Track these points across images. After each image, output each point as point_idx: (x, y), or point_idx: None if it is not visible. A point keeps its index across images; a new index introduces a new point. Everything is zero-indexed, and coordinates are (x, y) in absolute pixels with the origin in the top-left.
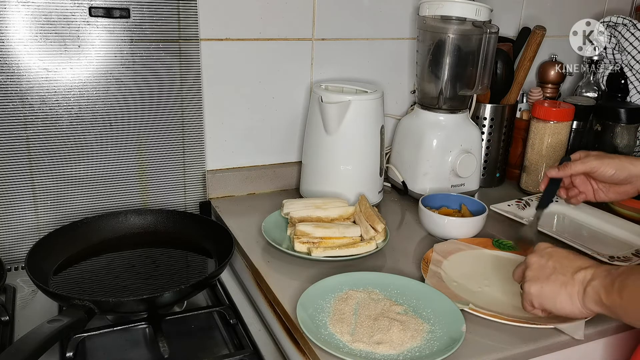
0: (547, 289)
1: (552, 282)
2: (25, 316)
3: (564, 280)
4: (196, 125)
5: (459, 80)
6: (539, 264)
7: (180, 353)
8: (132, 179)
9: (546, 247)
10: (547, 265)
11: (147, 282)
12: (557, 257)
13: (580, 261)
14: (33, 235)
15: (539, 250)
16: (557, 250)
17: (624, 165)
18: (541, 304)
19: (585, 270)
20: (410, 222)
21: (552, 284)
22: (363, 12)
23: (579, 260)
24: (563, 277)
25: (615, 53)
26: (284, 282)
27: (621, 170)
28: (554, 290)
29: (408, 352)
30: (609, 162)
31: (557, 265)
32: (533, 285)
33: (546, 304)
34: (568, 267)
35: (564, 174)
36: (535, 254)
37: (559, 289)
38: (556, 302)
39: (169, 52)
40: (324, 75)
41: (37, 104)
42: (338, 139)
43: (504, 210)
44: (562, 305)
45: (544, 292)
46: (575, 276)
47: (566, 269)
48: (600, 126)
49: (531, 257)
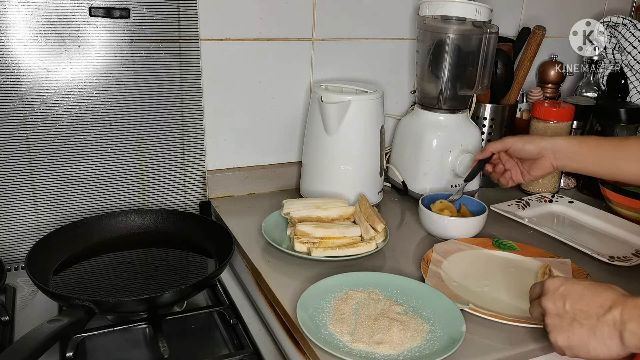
0: (575, 339)
1: (578, 331)
2: (25, 316)
3: (591, 325)
4: (196, 125)
5: (459, 80)
6: (556, 311)
7: (180, 353)
8: (132, 179)
9: (557, 286)
10: (566, 311)
11: (147, 282)
12: (573, 297)
13: (601, 297)
14: (33, 235)
15: (551, 291)
16: (571, 288)
17: (534, 140)
18: (574, 354)
19: (612, 310)
20: (410, 222)
21: (578, 333)
22: (363, 12)
23: (598, 296)
24: (588, 321)
25: (615, 53)
26: (284, 282)
27: (532, 143)
28: (583, 339)
29: (408, 352)
30: (521, 138)
31: (577, 308)
32: (558, 336)
33: (580, 354)
34: (590, 308)
35: (485, 155)
36: (548, 297)
37: (587, 336)
38: (589, 350)
39: (169, 52)
40: (324, 75)
41: (37, 104)
42: (338, 139)
43: (504, 210)
44: (597, 352)
45: (572, 343)
46: (603, 319)
47: (589, 312)
48: (600, 126)
49: (545, 300)
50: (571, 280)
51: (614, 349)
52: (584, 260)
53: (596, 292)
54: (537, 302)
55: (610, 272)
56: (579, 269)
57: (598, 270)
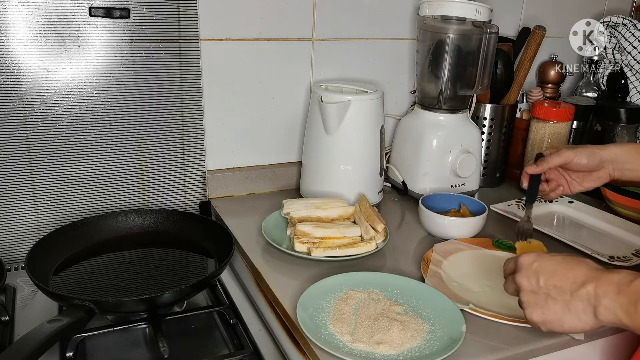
0: (549, 314)
1: (552, 306)
2: (25, 316)
3: (565, 300)
4: (196, 125)
5: (459, 80)
6: (530, 287)
7: (180, 353)
8: (132, 179)
9: (530, 262)
10: (540, 287)
11: (147, 282)
12: (546, 273)
13: (574, 272)
14: (33, 235)
15: (525, 267)
16: (544, 264)
17: (595, 152)
18: (548, 329)
19: (585, 285)
20: (410, 222)
21: (552, 308)
22: (363, 12)
23: (569, 272)
24: (562, 297)
25: (615, 53)
26: (284, 282)
27: (593, 157)
28: (557, 314)
29: (408, 352)
30: (582, 151)
31: (550, 284)
32: (533, 312)
33: (554, 328)
34: (563, 284)
35: (542, 169)
36: (522, 274)
37: (562, 312)
38: (563, 324)
39: (169, 52)
40: (324, 75)
41: (37, 104)
42: (338, 139)
43: (504, 210)
44: (571, 326)
45: (547, 318)
46: (577, 294)
47: (562, 287)
48: (600, 126)
49: (519, 277)
50: (544, 256)
51: (587, 323)
52: None
53: (569, 267)
54: (511, 278)
55: None
56: None
57: None
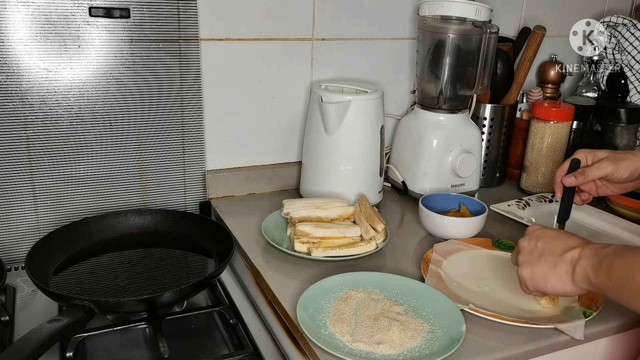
0: (538, 271)
1: (542, 265)
2: (25, 316)
3: (553, 261)
4: (196, 125)
5: (459, 80)
6: (529, 248)
7: (180, 353)
8: (132, 179)
9: (536, 229)
10: (537, 248)
11: (147, 282)
12: (546, 238)
13: (569, 240)
14: (33, 235)
15: (529, 233)
16: (546, 232)
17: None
18: (534, 286)
19: (573, 249)
20: (410, 222)
21: (541, 266)
22: (363, 12)
23: (567, 239)
24: (552, 258)
25: (615, 53)
26: (284, 282)
27: (631, 169)
28: (544, 272)
29: (408, 352)
30: (624, 165)
31: (546, 247)
32: (524, 269)
33: (539, 286)
34: (557, 247)
35: (582, 182)
36: (525, 238)
37: (548, 270)
38: (547, 283)
39: (169, 52)
40: (324, 75)
41: (37, 104)
42: (338, 139)
43: (504, 210)
44: (553, 285)
45: (535, 275)
46: (564, 256)
47: (555, 249)
48: (600, 126)
49: (522, 240)
50: (549, 227)
51: (567, 286)
52: None
53: (566, 236)
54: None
55: None
56: None
57: None
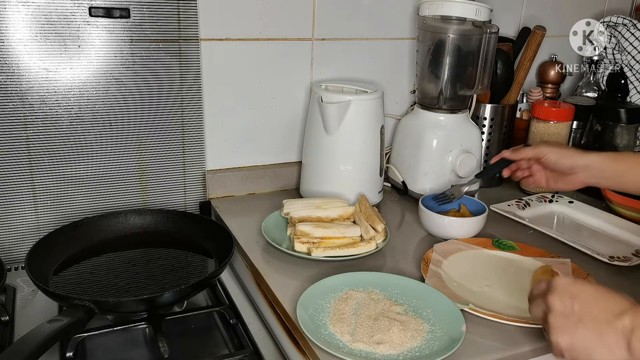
0: (579, 340)
1: (583, 332)
2: (25, 316)
3: (597, 329)
4: (196, 125)
5: (459, 80)
6: (562, 310)
7: (180, 353)
8: (132, 179)
9: (567, 284)
10: (573, 312)
11: (147, 282)
12: (583, 299)
13: (614, 303)
14: (33, 235)
15: (559, 289)
16: (581, 289)
17: (569, 155)
18: (574, 357)
19: (623, 317)
20: (410, 222)
21: (583, 335)
22: (363, 12)
23: (607, 302)
24: (596, 326)
25: (615, 53)
26: (284, 282)
27: (565, 159)
28: (587, 342)
29: (408, 352)
30: (556, 151)
31: (585, 312)
32: (561, 337)
33: (580, 357)
34: (599, 313)
35: (514, 157)
36: (556, 295)
37: (592, 340)
38: (592, 354)
39: (169, 52)
40: (324, 75)
41: (37, 104)
42: (338, 139)
43: (504, 210)
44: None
45: (575, 345)
46: (612, 325)
47: (597, 316)
48: (600, 126)
49: (552, 299)
50: (582, 281)
51: (618, 356)
52: (584, 260)
53: (607, 297)
54: (540, 300)
55: (610, 272)
56: (578, 269)
57: (598, 271)
